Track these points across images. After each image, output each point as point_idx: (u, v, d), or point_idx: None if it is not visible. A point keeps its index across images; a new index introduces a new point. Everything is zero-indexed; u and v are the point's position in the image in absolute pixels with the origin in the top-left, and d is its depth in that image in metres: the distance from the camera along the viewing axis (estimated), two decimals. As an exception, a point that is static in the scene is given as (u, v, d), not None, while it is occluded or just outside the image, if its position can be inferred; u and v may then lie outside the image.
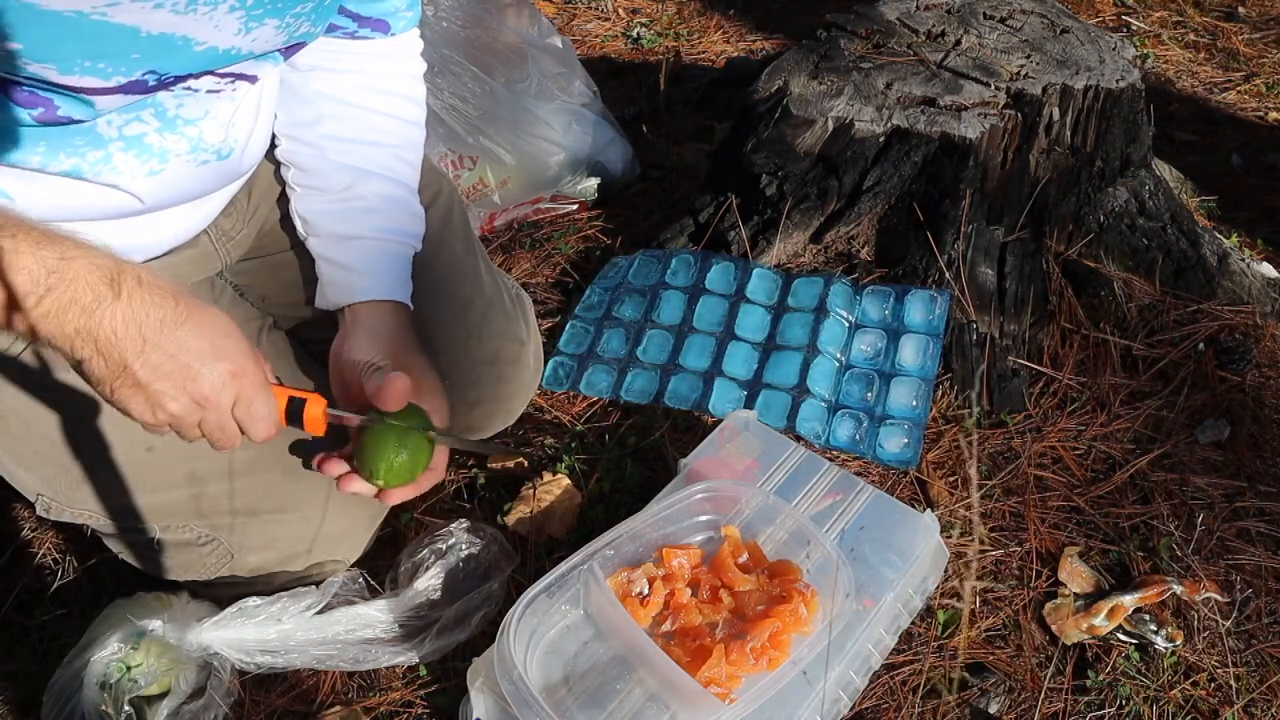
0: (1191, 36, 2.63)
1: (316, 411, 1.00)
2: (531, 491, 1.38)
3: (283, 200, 1.23)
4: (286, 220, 1.23)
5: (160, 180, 1.01)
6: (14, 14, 0.78)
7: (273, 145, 1.20)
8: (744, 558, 1.14)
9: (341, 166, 1.18)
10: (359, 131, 1.18)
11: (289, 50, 1.03)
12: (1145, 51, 2.55)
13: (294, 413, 0.99)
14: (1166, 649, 1.21)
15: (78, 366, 0.85)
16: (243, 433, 0.95)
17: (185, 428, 0.92)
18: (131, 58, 0.87)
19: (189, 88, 0.97)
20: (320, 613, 1.14)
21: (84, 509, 1.09)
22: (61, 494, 1.08)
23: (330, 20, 1.08)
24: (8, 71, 0.84)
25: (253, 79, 1.03)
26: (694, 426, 1.50)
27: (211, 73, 0.97)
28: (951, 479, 1.42)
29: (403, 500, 1.12)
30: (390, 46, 1.19)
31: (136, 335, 0.83)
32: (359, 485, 1.09)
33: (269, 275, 1.26)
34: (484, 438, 1.40)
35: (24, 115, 0.88)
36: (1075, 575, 1.29)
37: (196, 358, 0.87)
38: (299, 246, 1.22)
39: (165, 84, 0.92)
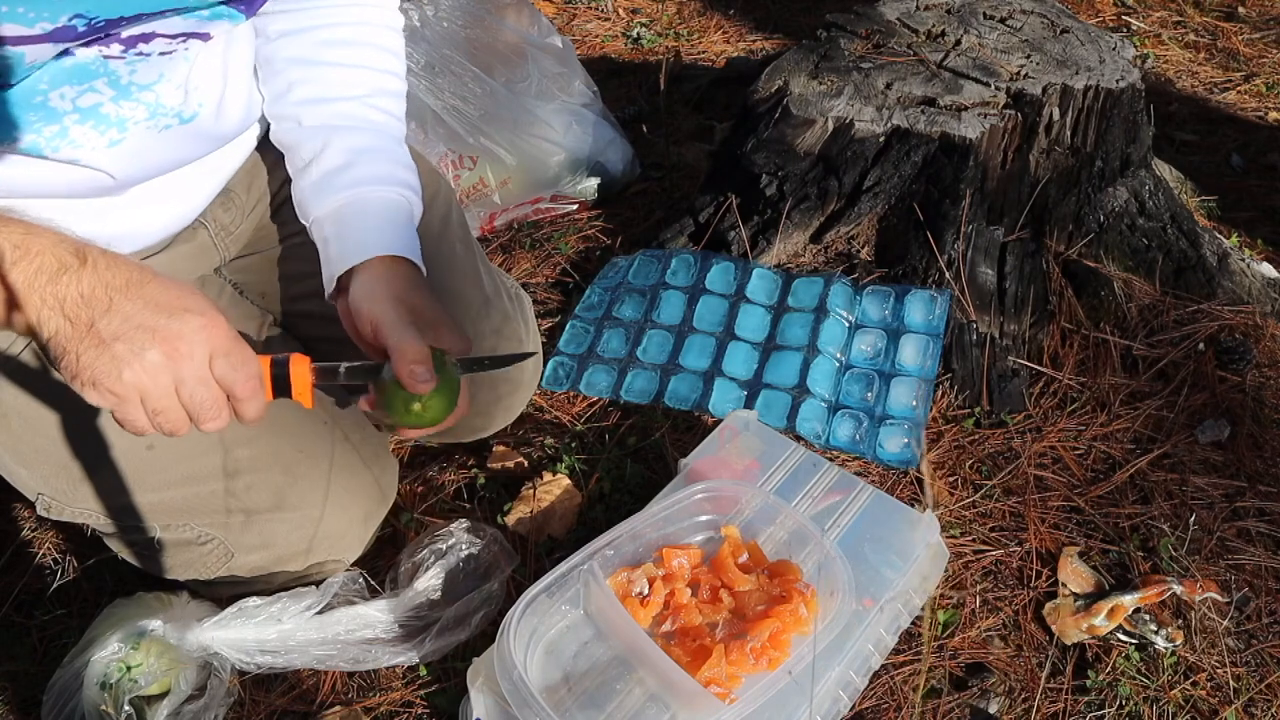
0: (1191, 36, 2.63)
1: (302, 369, 0.93)
2: (531, 491, 1.38)
3: (281, 194, 1.23)
4: (285, 214, 1.23)
5: (124, 151, 0.98)
6: None
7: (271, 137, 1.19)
8: (744, 558, 1.14)
9: (314, 130, 1.13)
10: (325, 89, 1.13)
11: (241, 4, 0.99)
12: (1145, 51, 2.55)
13: (280, 381, 0.93)
14: (1166, 649, 1.21)
15: (45, 347, 0.82)
16: (230, 400, 0.89)
17: (161, 396, 0.84)
18: None
19: (140, 52, 0.94)
20: (320, 613, 1.14)
21: (84, 508, 1.09)
22: (62, 493, 1.08)
23: None
24: None
25: (204, 36, 1.00)
26: (694, 426, 1.50)
27: (149, 20, 0.92)
28: (952, 479, 1.42)
29: (429, 433, 1.08)
30: None
31: (104, 295, 0.81)
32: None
33: (268, 271, 1.26)
34: (483, 436, 1.40)
35: None
36: (1075, 575, 1.29)
37: (164, 310, 0.83)
38: (298, 240, 1.22)
39: (97, 31, 0.89)
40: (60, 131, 0.94)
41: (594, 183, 1.97)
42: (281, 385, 0.93)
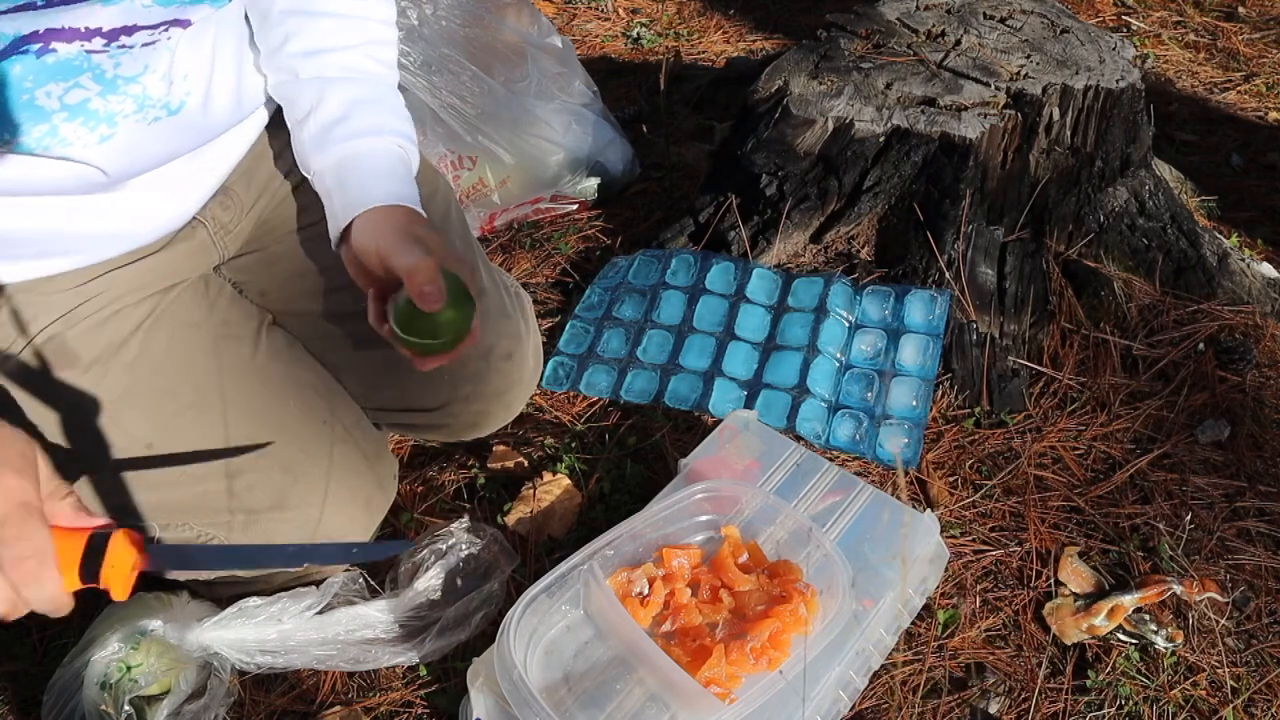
0: (1191, 36, 2.63)
1: (122, 550, 0.75)
2: (531, 491, 1.38)
3: (280, 191, 1.23)
4: (284, 212, 1.23)
5: (116, 146, 0.98)
6: None
7: (277, 133, 1.19)
8: (744, 558, 1.14)
9: (310, 83, 1.13)
10: (320, 40, 1.13)
11: None
12: (1145, 51, 2.55)
13: (93, 559, 0.74)
14: (1166, 649, 1.21)
15: None
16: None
17: None
18: None
19: (122, 44, 0.94)
20: (320, 613, 1.14)
21: None
22: None
23: None
24: None
25: (185, 23, 1.00)
26: (694, 426, 1.50)
27: (125, 12, 0.92)
28: (952, 479, 1.42)
29: (441, 363, 1.07)
30: None
31: None
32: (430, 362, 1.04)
33: (267, 269, 1.26)
34: (482, 434, 1.39)
35: None
36: (1075, 575, 1.29)
37: None
38: (297, 238, 1.22)
39: (54, 4, 0.87)
40: (50, 130, 0.93)
41: (594, 183, 1.97)
42: (93, 565, 0.75)
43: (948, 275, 1.57)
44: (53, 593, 0.73)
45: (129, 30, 0.94)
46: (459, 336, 1.03)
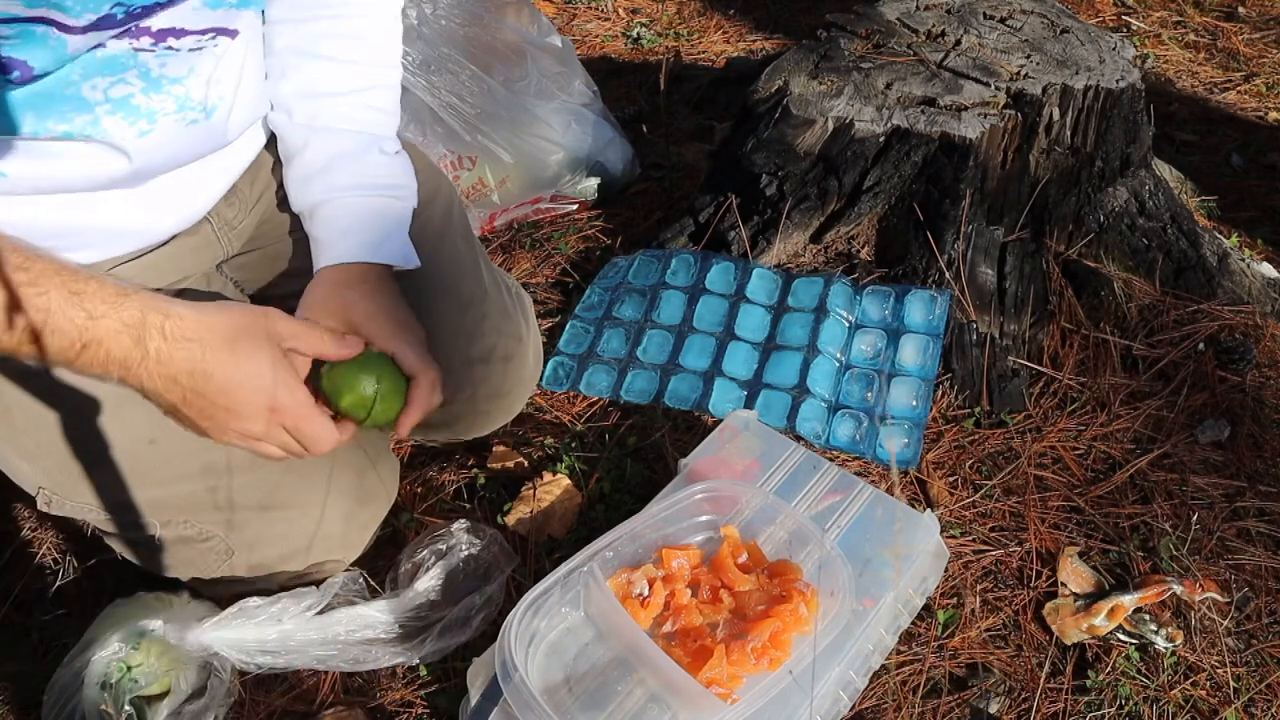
0: (1191, 36, 2.63)
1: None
2: (531, 491, 1.38)
3: (283, 190, 1.23)
4: (287, 209, 1.23)
5: (151, 143, 1.00)
6: None
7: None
8: (744, 558, 1.14)
9: (299, 128, 1.15)
10: (315, 84, 1.15)
11: None
12: (1145, 51, 2.55)
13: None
14: (1166, 649, 1.21)
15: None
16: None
17: (253, 448, 0.99)
18: None
19: (170, 46, 0.96)
20: (320, 613, 1.14)
21: (84, 502, 1.09)
22: (62, 487, 1.08)
23: None
24: None
25: (233, 33, 1.02)
26: (694, 426, 1.50)
27: (178, 5, 0.95)
28: (952, 479, 1.42)
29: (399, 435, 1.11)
30: None
31: (174, 387, 0.89)
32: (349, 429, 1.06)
33: (268, 267, 1.26)
34: (483, 434, 1.39)
35: (3, 82, 0.88)
36: (1075, 575, 1.29)
37: (234, 403, 0.92)
38: (299, 235, 1.22)
39: (134, 17, 0.91)
40: (92, 121, 0.95)
41: (594, 183, 1.97)
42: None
43: (948, 275, 1.57)
44: (329, 445, 1.02)
45: (177, 34, 0.96)
46: (374, 417, 1.04)
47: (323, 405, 1.02)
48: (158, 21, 0.95)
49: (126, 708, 1.08)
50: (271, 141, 1.21)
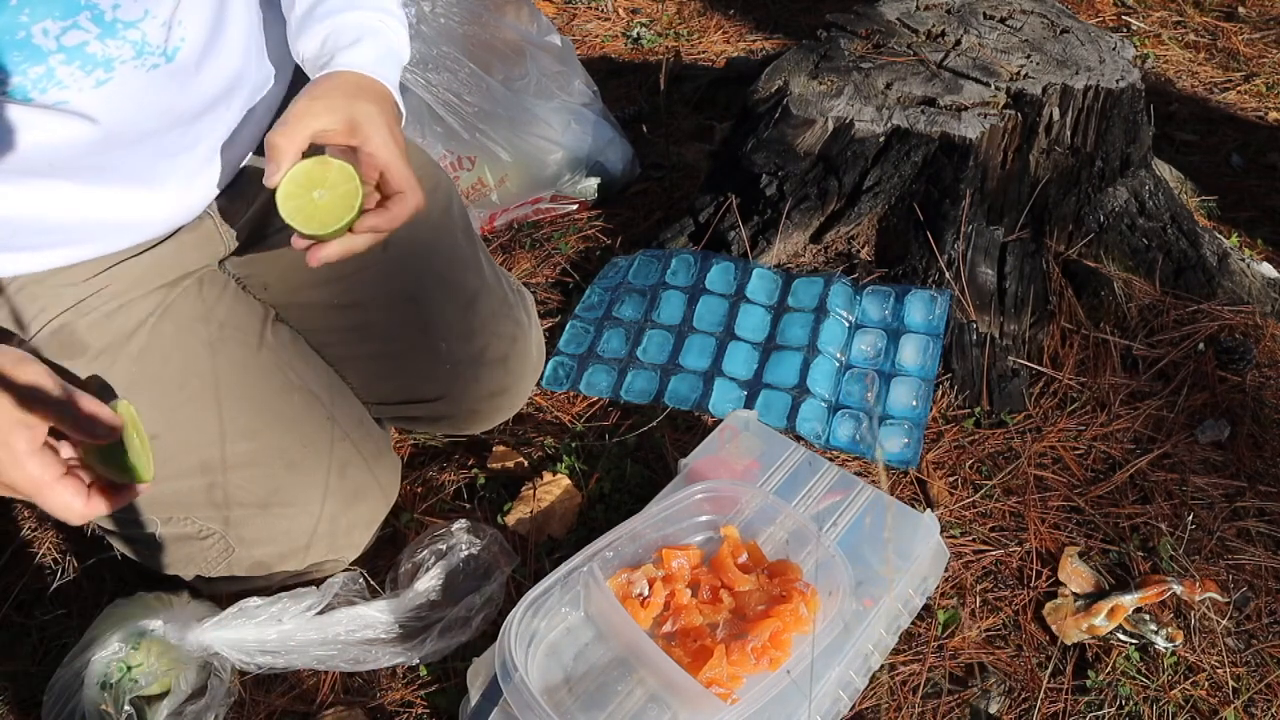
0: (1191, 36, 2.63)
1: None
2: (531, 491, 1.38)
3: None
4: None
5: (110, 91, 0.97)
6: None
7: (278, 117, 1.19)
8: (744, 558, 1.14)
9: None
10: None
11: None
12: (1145, 51, 2.55)
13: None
14: (1166, 649, 1.21)
15: None
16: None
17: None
18: None
19: None
20: (321, 613, 1.14)
21: None
22: None
23: None
24: None
25: None
26: (694, 426, 1.50)
27: None
28: (952, 479, 1.42)
29: (341, 255, 1.04)
30: None
31: None
32: (327, 250, 1.01)
33: (270, 262, 1.26)
34: (484, 428, 1.39)
35: None
36: (1075, 575, 1.29)
37: None
38: None
39: None
40: (47, 73, 0.93)
41: (594, 183, 1.97)
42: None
43: (948, 275, 1.57)
44: (77, 515, 0.88)
45: None
46: (344, 218, 1.01)
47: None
48: None
49: (126, 708, 1.08)
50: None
